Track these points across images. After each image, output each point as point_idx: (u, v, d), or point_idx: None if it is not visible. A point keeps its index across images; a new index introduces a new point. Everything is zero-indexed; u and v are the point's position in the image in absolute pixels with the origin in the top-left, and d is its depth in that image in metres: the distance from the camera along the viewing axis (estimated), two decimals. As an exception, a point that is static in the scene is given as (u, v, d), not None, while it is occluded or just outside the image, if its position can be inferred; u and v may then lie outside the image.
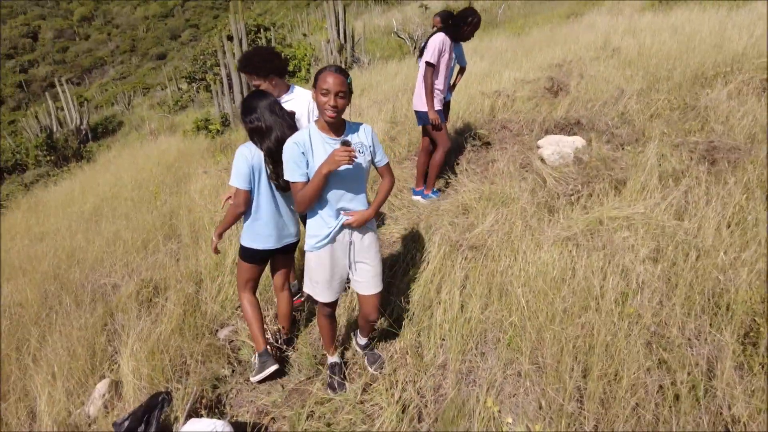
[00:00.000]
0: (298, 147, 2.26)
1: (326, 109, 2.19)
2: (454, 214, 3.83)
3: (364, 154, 2.35)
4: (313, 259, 2.46)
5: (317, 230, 2.41)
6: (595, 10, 11.75)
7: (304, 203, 2.28)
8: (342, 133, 2.33)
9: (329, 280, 2.47)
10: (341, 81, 2.17)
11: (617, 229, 2.89)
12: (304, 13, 30.14)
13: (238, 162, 2.61)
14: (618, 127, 4.66)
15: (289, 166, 2.27)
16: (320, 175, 2.19)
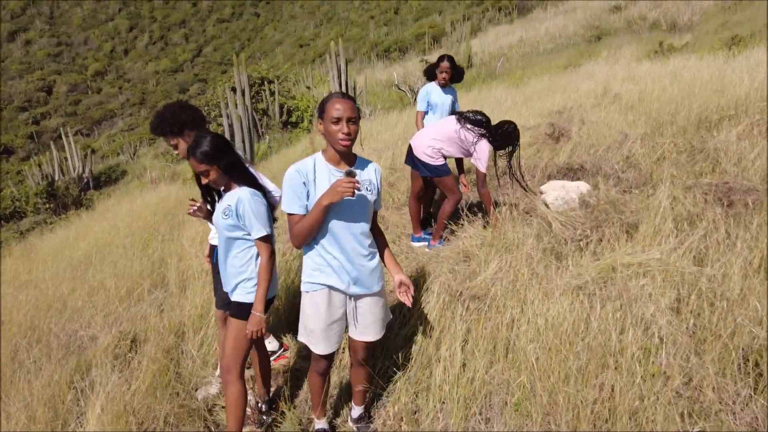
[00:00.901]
0: (300, 176, 2.07)
1: (340, 138, 2.00)
2: (454, 260, 3.59)
3: (371, 192, 2.17)
4: (308, 303, 2.22)
5: (314, 269, 2.18)
6: (592, 60, 11.96)
7: (300, 237, 2.09)
8: (351, 165, 2.16)
9: (325, 328, 2.21)
10: (351, 106, 2.02)
11: (632, 277, 2.64)
12: (309, 68, 31.16)
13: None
14: (624, 171, 4.49)
15: (287, 195, 2.08)
16: (320, 207, 1.99)
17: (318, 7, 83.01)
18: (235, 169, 2.37)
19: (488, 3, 38.07)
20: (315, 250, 2.16)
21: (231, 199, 2.33)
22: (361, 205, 2.14)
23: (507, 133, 4.01)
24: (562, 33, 18.34)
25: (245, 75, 12.01)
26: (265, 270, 2.31)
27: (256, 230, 2.29)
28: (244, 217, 2.29)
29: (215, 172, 2.32)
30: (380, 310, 2.33)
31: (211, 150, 2.29)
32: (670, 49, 10.28)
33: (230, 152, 2.37)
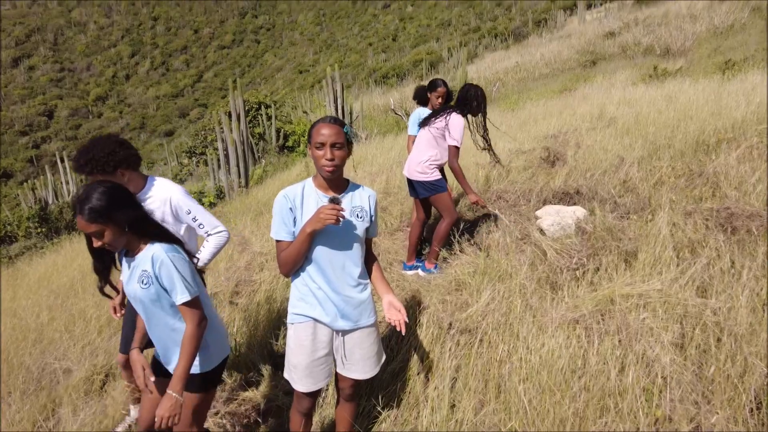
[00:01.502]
0: (287, 201, 1.98)
1: (323, 165, 1.91)
2: (446, 289, 3.42)
3: (363, 219, 2.04)
4: (292, 336, 2.08)
5: (299, 299, 2.05)
6: (588, 84, 11.99)
7: (286, 266, 1.98)
8: (342, 191, 2.04)
9: (309, 364, 2.05)
10: (337, 131, 1.92)
11: (632, 309, 2.48)
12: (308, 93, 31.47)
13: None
14: (621, 196, 4.36)
15: (275, 221, 1.99)
16: (303, 235, 1.89)
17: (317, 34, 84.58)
18: (140, 224, 1.93)
19: (484, 30, 38.76)
20: (301, 278, 2.05)
21: (144, 262, 1.92)
22: (350, 233, 2.02)
23: (473, 96, 3.91)
24: (557, 58, 18.52)
25: (241, 100, 12.01)
26: (190, 341, 1.91)
27: (180, 293, 1.90)
28: (164, 280, 1.91)
29: (111, 232, 1.84)
30: (371, 346, 2.16)
31: (104, 204, 1.81)
32: (664, 73, 10.31)
33: (130, 204, 1.92)
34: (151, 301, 1.94)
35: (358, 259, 2.07)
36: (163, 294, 1.94)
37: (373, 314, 2.17)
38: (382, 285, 2.19)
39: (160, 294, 1.93)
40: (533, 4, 44.55)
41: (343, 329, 2.08)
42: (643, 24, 18.36)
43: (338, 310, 2.03)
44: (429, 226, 5.05)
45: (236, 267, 5.06)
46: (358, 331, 2.11)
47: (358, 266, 2.07)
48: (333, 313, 2.03)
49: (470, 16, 53.43)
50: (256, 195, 9.54)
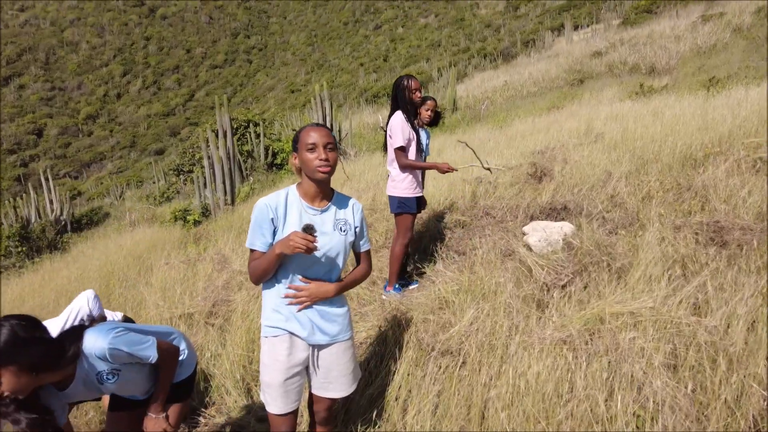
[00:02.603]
0: (269, 210, 1.84)
1: (316, 166, 1.79)
2: (429, 308, 3.27)
3: (346, 233, 1.91)
4: (267, 351, 1.92)
5: (273, 309, 1.91)
6: (576, 102, 12.05)
7: (254, 276, 1.86)
8: (328, 201, 1.91)
9: (283, 383, 1.90)
10: (326, 133, 1.82)
11: (622, 328, 2.34)
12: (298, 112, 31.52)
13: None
14: (609, 211, 4.27)
15: (251, 229, 1.86)
16: (273, 254, 1.77)
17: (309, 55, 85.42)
18: (58, 357, 1.67)
19: (474, 50, 39.30)
20: (275, 288, 1.91)
21: (96, 366, 1.79)
22: (329, 250, 1.90)
23: (404, 87, 3.74)
24: (545, 77, 18.69)
25: (228, 117, 11.91)
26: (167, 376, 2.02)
27: (145, 358, 1.88)
28: (126, 361, 1.86)
29: (11, 376, 1.54)
30: (347, 363, 2.03)
31: (6, 345, 1.53)
32: (650, 90, 10.38)
33: (38, 341, 1.61)
34: (131, 382, 1.95)
35: (338, 273, 1.97)
36: (134, 370, 1.94)
37: (350, 329, 2.06)
38: (344, 281, 2.00)
39: (132, 371, 1.93)
40: (521, 25, 45.38)
41: (320, 344, 1.95)
42: (629, 44, 18.63)
43: (314, 323, 1.91)
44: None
45: (214, 286, 4.88)
46: (335, 345, 1.98)
47: (339, 276, 1.95)
48: (309, 327, 1.91)
49: (460, 37, 54.25)
50: (241, 212, 9.37)
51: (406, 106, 3.76)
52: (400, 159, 3.70)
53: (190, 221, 10.12)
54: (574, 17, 34.68)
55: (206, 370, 3.51)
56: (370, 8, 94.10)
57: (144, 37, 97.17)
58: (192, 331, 4.14)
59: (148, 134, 68.34)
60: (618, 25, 25.43)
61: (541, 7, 53.87)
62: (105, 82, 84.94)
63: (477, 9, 72.42)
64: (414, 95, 3.78)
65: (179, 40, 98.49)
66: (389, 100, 3.99)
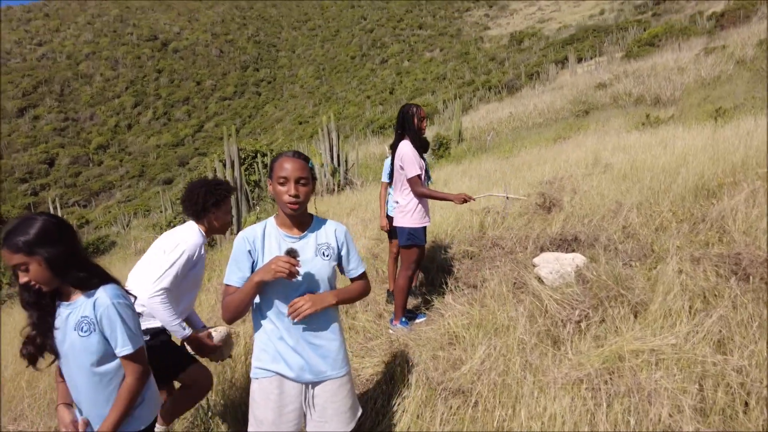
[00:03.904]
0: (246, 243, 1.80)
1: (286, 201, 1.74)
2: (438, 344, 3.15)
3: (329, 258, 1.84)
4: (257, 390, 1.84)
5: (262, 350, 1.84)
6: (582, 132, 12.07)
7: (228, 312, 1.76)
8: (306, 229, 1.85)
9: (276, 419, 1.82)
10: (301, 165, 1.76)
11: (643, 367, 2.21)
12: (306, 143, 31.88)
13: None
14: (622, 242, 4.16)
15: (229, 265, 1.81)
16: (251, 283, 1.70)
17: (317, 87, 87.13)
18: (67, 265, 1.68)
19: (478, 83, 39.91)
20: (262, 327, 1.85)
21: (84, 307, 1.71)
22: (314, 275, 1.82)
23: (413, 114, 3.71)
24: (551, 108, 18.85)
25: (235, 147, 12.00)
26: (127, 394, 1.74)
27: (121, 345, 1.72)
28: (106, 328, 1.71)
29: (36, 267, 1.63)
30: (344, 399, 1.92)
31: (30, 237, 1.62)
32: (656, 120, 10.38)
33: (63, 241, 1.68)
34: (88, 352, 1.70)
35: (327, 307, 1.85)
36: (104, 343, 1.72)
37: (346, 364, 1.95)
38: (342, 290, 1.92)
39: (100, 342, 1.72)
40: (525, 58, 46.18)
41: (312, 381, 1.86)
42: (633, 76, 18.83)
43: (305, 361, 1.82)
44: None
45: (217, 317, 4.76)
46: (329, 382, 1.88)
47: (327, 311, 1.84)
48: (298, 367, 1.82)
49: (464, 70, 55.22)
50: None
51: (413, 134, 3.73)
52: (417, 188, 3.61)
53: (196, 251, 10.07)
54: (577, 50, 35.26)
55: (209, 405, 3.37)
56: (377, 43, 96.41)
57: (156, 69, 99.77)
58: (193, 365, 4.02)
59: (157, 164, 69.28)
60: (621, 58, 25.79)
61: (544, 41, 54.97)
62: (117, 112, 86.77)
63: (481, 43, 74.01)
64: (422, 123, 3.76)
65: (190, 72, 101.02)
66: (395, 128, 3.96)
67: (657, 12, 48.09)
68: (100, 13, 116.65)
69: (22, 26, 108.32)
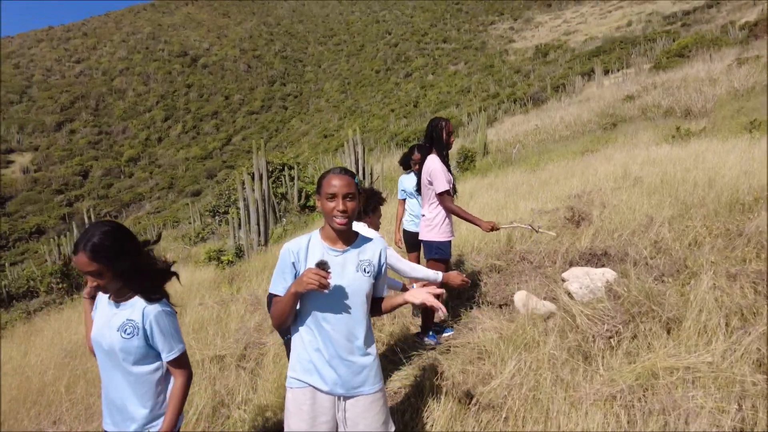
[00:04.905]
0: (290, 255, 1.87)
1: (335, 216, 1.80)
2: (467, 358, 3.15)
3: (370, 275, 1.88)
4: (290, 400, 1.90)
5: (297, 361, 1.89)
6: (609, 145, 11.90)
7: (273, 320, 1.88)
8: (350, 244, 1.91)
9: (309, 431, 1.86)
10: (348, 182, 1.82)
11: (678, 385, 2.18)
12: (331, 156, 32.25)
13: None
14: (653, 257, 4.10)
15: (274, 274, 1.89)
16: (288, 294, 1.76)
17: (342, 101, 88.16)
18: (135, 272, 1.83)
19: (503, 95, 39.78)
20: (299, 337, 1.90)
21: (132, 311, 1.83)
22: (354, 289, 1.86)
23: (442, 128, 3.76)
24: (577, 121, 18.64)
25: (264, 160, 12.26)
26: (179, 397, 1.87)
27: (168, 351, 1.84)
28: (155, 336, 1.82)
29: (110, 274, 1.77)
30: (376, 416, 1.93)
31: (108, 244, 1.76)
32: (687, 133, 10.17)
33: (133, 249, 1.83)
34: (125, 352, 1.81)
35: (362, 319, 1.89)
36: (144, 348, 1.83)
37: (379, 380, 1.96)
38: (393, 297, 1.98)
39: (141, 347, 1.82)
40: (551, 70, 45.86)
41: (345, 395, 1.89)
42: (662, 87, 18.49)
43: (338, 376, 1.86)
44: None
45: (246, 328, 4.86)
46: (362, 397, 1.90)
47: (363, 326, 1.88)
48: (332, 381, 1.85)
49: (489, 83, 55.14)
50: (274, 253, 9.46)
51: (441, 148, 3.78)
52: (447, 203, 3.64)
53: (224, 261, 10.27)
54: (603, 62, 34.87)
55: (237, 415, 3.44)
56: (401, 57, 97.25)
57: (186, 84, 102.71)
58: (223, 374, 4.10)
59: (185, 176, 70.95)
60: (649, 69, 25.39)
61: (570, 53, 54.53)
62: (147, 126, 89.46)
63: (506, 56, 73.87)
64: (450, 138, 3.81)
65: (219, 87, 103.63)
66: (422, 141, 4.02)
67: (686, 22, 47.25)
68: (134, 30, 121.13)
69: (62, 45, 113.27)
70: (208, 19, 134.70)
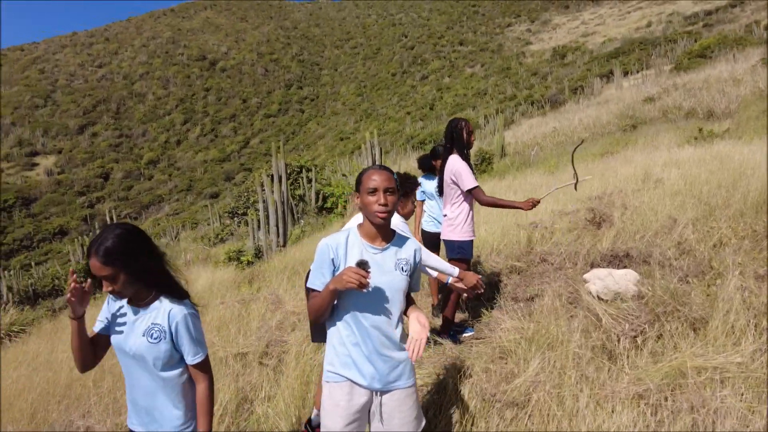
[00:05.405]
0: (329, 251, 1.89)
1: (375, 210, 1.82)
2: (489, 357, 3.16)
3: (406, 273, 1.91)
4: (327, 396, 1.92)
5: (335, 355, 1.92)
6: (629, 147, 11.76)
7: (310, 315, 1.91)
8: (388, 242, 1.93)
9: (342, 428, 1.88)
10: (388, 176, 1.85)
11: (707, 384, 2.17)
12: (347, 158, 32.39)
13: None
14: (677, 258, 4.05)
15: (312, 269, 1.92)
16: (327, 291, 1.79)
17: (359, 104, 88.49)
18: (155, 273, 1.81)
19: (521, 97, 39.53)
20: (337, 331, 1.92)
21: (157, 315, 1.81)
22: (392, 286, 1.89)
23: (462, 128, 3.78)
24: (597, 122, 18.43)
25: (283, 162, 12.40)
26: (207, 400, 1.84)
27: (193, 354, 1.82)
28: (180, 338, 1.80)
29: (125, 277, 1.73)
30: (410, 410, 1.96)
31: (121, 248, 1.72)
32: (710, 134, 10.00)
33: (149, 250, 1.81)
34: (152, 357, 1.79)
35: (399, 315, 1.93)
36: (171, 351, 1.81)
37: (413, 375, 2.00)
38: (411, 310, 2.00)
39: (168, 350, 1.80)
40: (569, 72, 45.43)
41: (381, 390, 1.92)
42: (683, 89, 18.20)
43: (376, 370, 1.88)
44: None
45: (268, 326, 4.92)
46: (397, 391, 1.94)
47: (399, 323, 1.93)
48: (370, 375, 1.88)
49: (506, 85, 54.83)
50: (293, 254, 9.55)
51: (462, 148, 3.80)
52: (482, 197, 3.63)
53: (244, 262, 10.40)
54: (623, 64, 34.43)
55: (260, 411, 3.49)
56: (418, 59, 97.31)
57: (204, 88, 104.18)
58: (246, 371, 4.17)
59: (204, 179, 71.93)
60: (670, 71, 25.01)
61: (588, 55, 53.97)
62: (167, 129, 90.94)
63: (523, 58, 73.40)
64: (471, 138, 3.83)
65: (236, 90, 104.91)
66: (442, 142, 4.05)
67: (709, 22, 46.40)
68: (154, 35, 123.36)
69: (85, 50, 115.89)
70: (226, 24, 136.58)
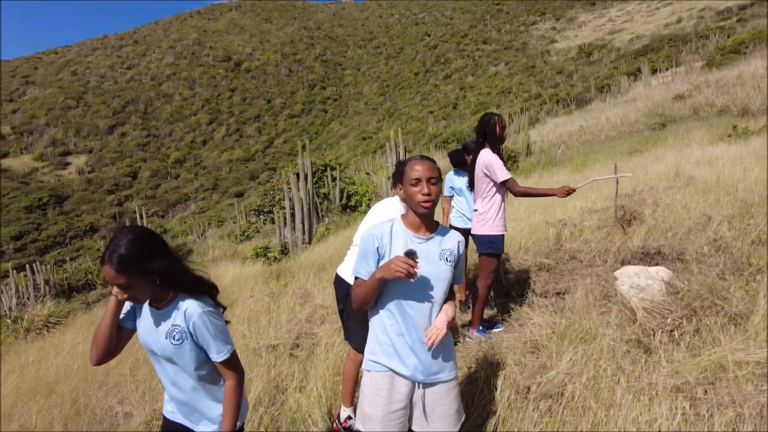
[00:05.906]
0: (374, 240, 1.90)
1: (420, 201, 1.82)
2: (520, 351, 3.16)
3: (451, 263, 1.92)
4: (368, 383, 1.93)
5: (377, 343, 1.92)
6: (659, 146, 11.52)
7: (355, 303, 1.89)
8: (432, 232, 1.93)
9: (384, 416, 1.88)
10: (430, 166, 1.86)
11: (749, 379, 2.14)
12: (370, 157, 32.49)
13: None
14: (712, 255, 3.98)
15: (357, 257, 1.92)
16: (373, 279, 1.79)
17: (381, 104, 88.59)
18: (172, 274, 1.76)
19: (546, 96, 39.00)
20: (380, 320, 1.92)
21: (175, 317, 1.78)
22: (437, 276, 1.89)
23: (495, 123, 3.78)
24: (624, 121, 18.10)
25: (309, 161, 12.54)
26: (234, 397, 1.82)
27: (217, 352, 1.79)
28: (200, 338, 1.78)
29: (140, 283, 1.70)
30: (451, 403, 1.97)
31: (135, 253, 1.66)
32: (745, 132, 9.73)
33: (163, 252, 1.75)
34: (181, 358, 1.80)
35: (441, 302, 1.92)
36: (196, 350, 1.81)
37: (455, 368, 2.00)
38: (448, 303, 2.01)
39: (193, 350, 1.80)
40: (595, 71, 44.60)
41: (424, 382, 1.92)
42: (715, 86, 17.71)
43: (419, 361, 1.88)
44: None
45: (297, 319, 5.01)
46: (440, 385, 1.93)
47: (441, 307, 1.93)
48: (413, 366, 1.88)
49: (531, 84, 54.15)
50: (319, 251, 9.67)
51: (495, 142, 3.80)
52: (516, 188, 3.62)
53: (271, 258, 10.57)
54: (651, 61, 33.64)
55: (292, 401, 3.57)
56: (441, 58, 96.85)
57: (229, 88, 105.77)
58: (277, 363, 4.26)
59: (229, 178, 73.05)
60: (701, 68, 24.35)
61: (615, 53, 52.89)
62: (193, 129, 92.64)
63: (548, 56, 72.35)
64: (503, 132, 3.83)
65: (261, 91, 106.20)
66: (474, 136, 4.05)
67: (743, 17, 44.92)
68: (181, 37, 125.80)
69: (115, 52, 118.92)
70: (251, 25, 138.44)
